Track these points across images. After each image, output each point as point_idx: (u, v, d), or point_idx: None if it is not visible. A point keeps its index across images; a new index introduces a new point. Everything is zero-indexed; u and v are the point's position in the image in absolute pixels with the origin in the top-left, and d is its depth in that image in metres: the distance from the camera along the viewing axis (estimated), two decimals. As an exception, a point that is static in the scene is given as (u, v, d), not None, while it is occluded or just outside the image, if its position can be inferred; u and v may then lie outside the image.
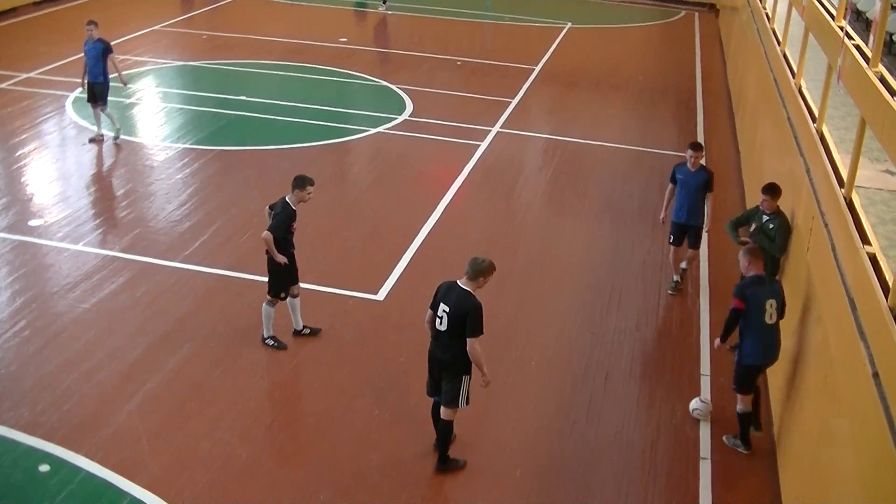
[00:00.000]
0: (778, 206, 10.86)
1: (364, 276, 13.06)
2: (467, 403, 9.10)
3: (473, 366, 8.92)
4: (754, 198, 15.07)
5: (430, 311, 9.08)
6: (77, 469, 9.02)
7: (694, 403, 10.37)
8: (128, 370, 10.67)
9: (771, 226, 10.78)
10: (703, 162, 12.93)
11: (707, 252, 14.10)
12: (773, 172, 13.76)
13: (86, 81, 17.09)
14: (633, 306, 12.78)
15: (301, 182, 10.80)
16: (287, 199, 10.83)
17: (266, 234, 10.71)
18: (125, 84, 18.00)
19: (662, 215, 13.34)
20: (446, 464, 9.38)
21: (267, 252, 10.89)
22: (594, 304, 12.80)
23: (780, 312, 9.51)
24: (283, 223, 10.75)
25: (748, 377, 9.63)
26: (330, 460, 9.40)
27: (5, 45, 24.17)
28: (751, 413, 9.81)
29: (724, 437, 9.96)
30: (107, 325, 11.59)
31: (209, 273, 12.94)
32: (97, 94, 17.13)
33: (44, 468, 9.00)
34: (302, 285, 11.46)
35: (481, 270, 8.83)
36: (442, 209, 15.38)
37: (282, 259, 10.82)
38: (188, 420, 9.88)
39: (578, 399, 10.67)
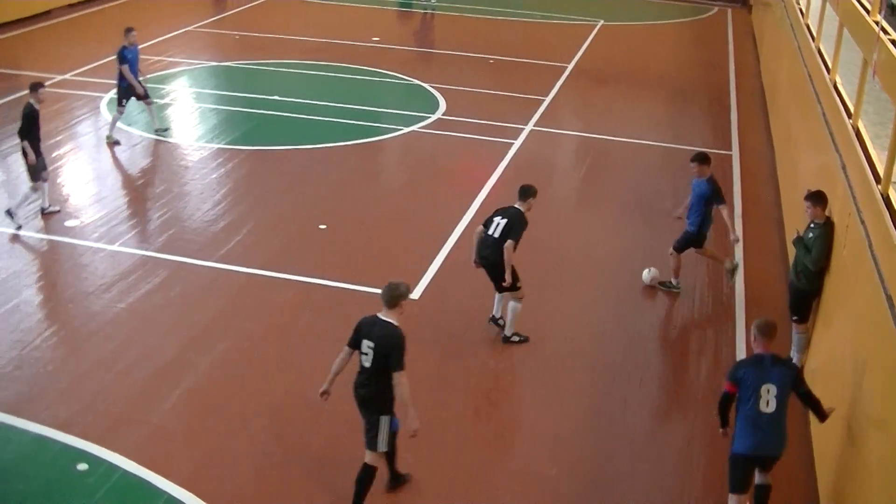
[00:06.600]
0: (826, 216, 10.43)
1: (398, 276, 12.85)
2: (387, 448, 8.48)
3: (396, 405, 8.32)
4: (789, 195, 14.97)
5: (345, 349, 8.47)
6: (114, 467, 9.09)
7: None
8: (163, 370, 10.75)
9: (811, 235, 10.41)
10: (709, 173, 12.52)
11: (743, 254, 13.95)
12: (807, 169, 13.64)
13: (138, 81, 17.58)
14: (669, 306, 12.70)
15: None
16: None
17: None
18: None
19: (678, 213, 13.66)
20: None
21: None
22: (629, 303, 12.74)
23: (781, 400, 7.97)
24: None
25: (735, 469, 8.27)
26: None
27: (40, 47, 24.43)
28: None
29: None
30: (141, 324, 11.69)
31: (243, 272, 13.00)
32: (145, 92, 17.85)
33: (81, 467, 9.08)
34: (337, 285, 11.39)
35: (399, 296, 8.39)
36: (476, 208, 15.33)
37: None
38: (223, 419, 9.93)
39: (613, 399, 10.62)
